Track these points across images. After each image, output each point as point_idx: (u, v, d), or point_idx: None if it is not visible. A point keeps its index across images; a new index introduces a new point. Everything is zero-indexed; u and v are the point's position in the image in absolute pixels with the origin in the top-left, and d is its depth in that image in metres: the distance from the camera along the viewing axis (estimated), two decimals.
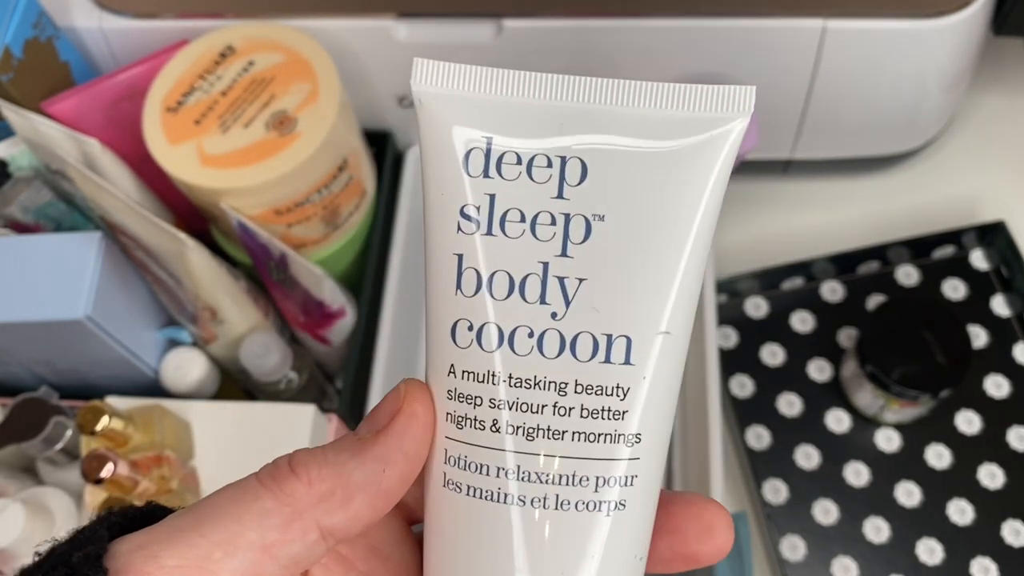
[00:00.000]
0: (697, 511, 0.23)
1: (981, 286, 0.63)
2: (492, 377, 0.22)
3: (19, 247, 0.49)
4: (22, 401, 0.49)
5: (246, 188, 0.48)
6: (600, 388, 0.21)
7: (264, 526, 0.21)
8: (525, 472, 0.21)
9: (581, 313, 0.21)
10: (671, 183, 0.22)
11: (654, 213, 0.22)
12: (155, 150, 0.49)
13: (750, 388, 0.61)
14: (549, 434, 0.21)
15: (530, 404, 0.21)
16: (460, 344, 0.22)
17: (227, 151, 0.49)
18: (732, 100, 0.22)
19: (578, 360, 0.21)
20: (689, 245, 0.22)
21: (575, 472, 0.21)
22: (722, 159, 0.22)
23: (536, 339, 0.21)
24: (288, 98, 0.50)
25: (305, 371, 0.54)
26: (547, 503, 0.21)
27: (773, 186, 0.68)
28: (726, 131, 0.22)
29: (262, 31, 0.52)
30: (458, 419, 0.22)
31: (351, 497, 0.21)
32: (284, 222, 0.51)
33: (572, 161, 0.22)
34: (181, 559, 0.20)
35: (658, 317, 0.22)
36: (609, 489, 0.22)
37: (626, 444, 0.22)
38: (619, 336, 0.21)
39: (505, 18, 0.55)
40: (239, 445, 0.49)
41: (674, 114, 0.22)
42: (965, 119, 0.70)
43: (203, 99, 0.50)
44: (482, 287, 0.22)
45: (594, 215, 0.21)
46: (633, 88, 0.22)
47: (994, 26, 0.58)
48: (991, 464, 0.57)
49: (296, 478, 0.21)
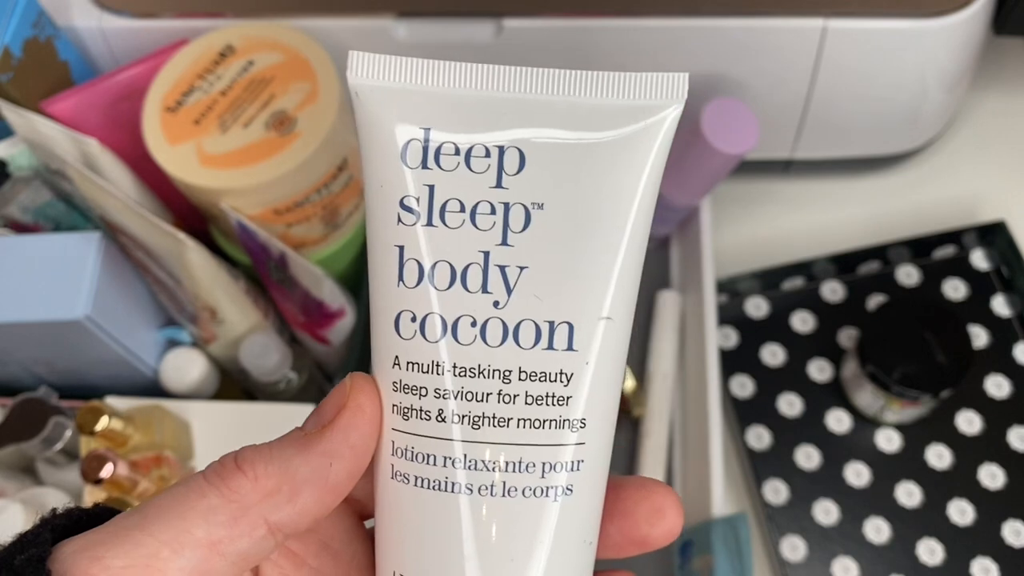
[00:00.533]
0: (646, 494, 0.23)
1: (982, 286, 0.63)
2: (437, 367, 0.22)
3: (19, 247, 0.49)
4: (22, 401, 0.49)
5: (246, 188, 0.48)
6: (544, 375, 0.22)
7: (211, 523, 0.21)
8: (472, 460, 0.22)
9: (523, 301, 0.22)
10: (608, 170, 0.22)
11: (592, 200, 0.22)
12: (154, 150, 0.49)
13: (750, 388, 0.61)
14: (495, 422, 0.22)
15: (475, 393, 0.22)
16: (404, 335, 0.22)
17: (226, 151, 0.49)
18: (666, 87, 0.22)
19: (521, 347, 0.22)
20: (628, 231, 0.22)
21: (521, 459, 0.22)
22: (657, 146, 0.22)
23: (479, 328, 0.22)
24: (288, 98, 0.50)
25: (305, 371, 0.54)
26: (494, 490, 0.22)
27: (773, 186, 0.68)
28: (660, 119, 0.22)
29: (262, 31, 0.52)
30: (404, 410, 0.22)
31: (297, 492, 0.21)
32: (284, 222, 0.51)
33: (510, 151, 0.22)
34: (127, 559, 0.20)
35: (599, 303, 0.22)
36: (556, 475, 0.22)
37: (571, 429, 0.22)
38: (561, 323, 0.22)
39: (505, 18, 0.55)
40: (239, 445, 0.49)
41: (610, 102, 0.22)
42: (966, 119, 0.70)
43: (203, 99, 0.50)
44: (424, 278, 0.22)
45: (533, 203, 0.22)
46: (569, 77, 0.22)
47: (995, 26, 0.58)
48: (992, 464, 0.57)
49: (242, 474, 0.21)
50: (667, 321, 0.60)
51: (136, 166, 0.53)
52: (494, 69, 0.22)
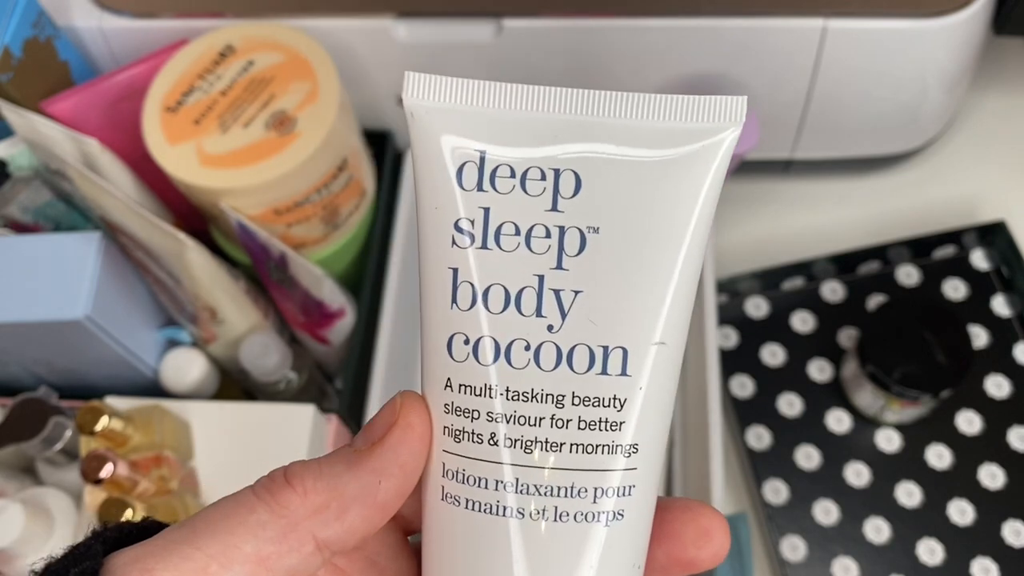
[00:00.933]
0: (693, 516, 0.23)
1: (982, 286, 0.63)
2: (489, 391, 0.22)
3: (19, 247, 0.49)
4: (22, 401, 0.49)
5: (246, 188, 0.48)
6: (597, 400, 0.22)
7: (259, 538, 0.21)
8: (523, 485, 0.21)
9: (577, 325, 0.21)
10: (664, 194, 0.22)
11: (648, 224, 0.22)
12: (154, 150, 0.49)
13: (750, 388, 0.61)
14: (547, 446, 0.21)
15: (527, 417, 0.21)
16: (456, 358, 0.22)
17: (226, 151, 0.49)
18: (724, 110, 0.22)
19: (575, 372, 0.21)
20: (682, 255, 0.22)
21: (573, 484, 0.21)
22: (714, 169, 0.22)
23: (533, 352, 0.21)
24: (288, 98, 0.49)
25: (305, 371, 0.54)
26: (545, 515, 0.21)
27: (773, 186, 0.68)
28: (718, 141, 0.22)
29: (262, 31, 0.52)
30: (455, 432, 0.22)
31: (346, 509, 0.21)
32: (284, 222, 0.51)
33: (566, 173, 0.22)
34: (176, 572, 0.20)
35: (653, 328, 0.22)
36: (607, 499, 0.22)
37: (623, 455, 0.22)
38: (615, 348, 0.22)
39: (505, 18, 0.55)
40: (239, 445, 0.49)
41: (666, 125, 0.22)
42: (966, 119, 0.70)
43: (203, 99, 0.50)
44: (477, 301, 0.22)
45: (588, 227, 0.22)
46: (626, 99, 0.22)
47: (995, 26, 0.58)
48: (992, 464, 0.57)
49: (291, 490, 0.21)
50: None
51: (136, 166, 0.53)
52: (550, 91, 0.22)
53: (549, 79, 0.57)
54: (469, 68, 0.57)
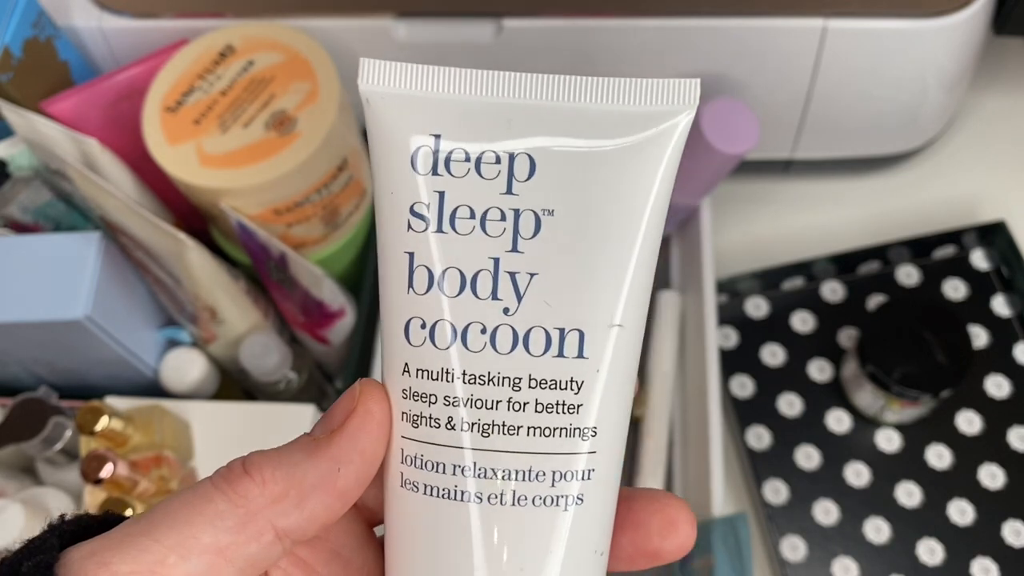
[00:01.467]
0: (660, 507, 0.23)
1: (982, 286, 0.63)
2: (447, 374, 0.22)
3: (19, 247, 0.49)
4: (21, 401, 0.49)
5: (246, 188, 0.48)
6: (554, 382, 0.22)
7: (218, 528, 0.20)
8: (482, 469, 0.21)
9: (533, 308, 0.21)
10: (619, 177, 0.22)
11: (603, 207, 0.22)
12: (154, 150, 0.49)
13: (750, 388, 0.61)
14: (505, 430, 0.21)
15: (485, 400, 0.21)
16: (414, 342, 0.22)
17: (226, 151, 0.49)
18: (678, 93, 0.22)
19: (531, 355, 0.21)
20: (640, 238, 0.22)
21: (531, 467, 0.21)
22: (669, 152, 0.22)
23: (489, 335, 0.21)
24: (288, 98, 0.49)
25: (305, 371, 0.54)
26: (504, 499, 0.21)
27: (773, 186, 0.68)
28: (672, 125, 0.22)
29: (262, 31, 0.52)
30: (413, 418, 0.22)
31: (305, 497, 0.21)
32: (284, 222, 0.51)
33: (520, 157, 0.22)
34: (133, 564, 0.20)
35: (610, 310, 0.22)
36: (567, 484, 0.22)
37: (582, 438, 0.22)
38: (571, 330, 0.22)
39: (505, 18, 0.55)
40: (239, 445, 0.49)
41: (621, 108, 0.22)
42: (966, 119, 0.70)
43: (202, 99, 0.50)
44: (434, 284, 0.22)
45: (543, 210, 0.22)
46: (579, 83, 0.22)
47: (995, 26, 0.58)
48: (992, 464, 0.57)
49: (250, 479, 0.21)
50: (667, 321, 0.60)
51: (136, 166, 0.53)
52: (505, 76, 0.22)
53: None
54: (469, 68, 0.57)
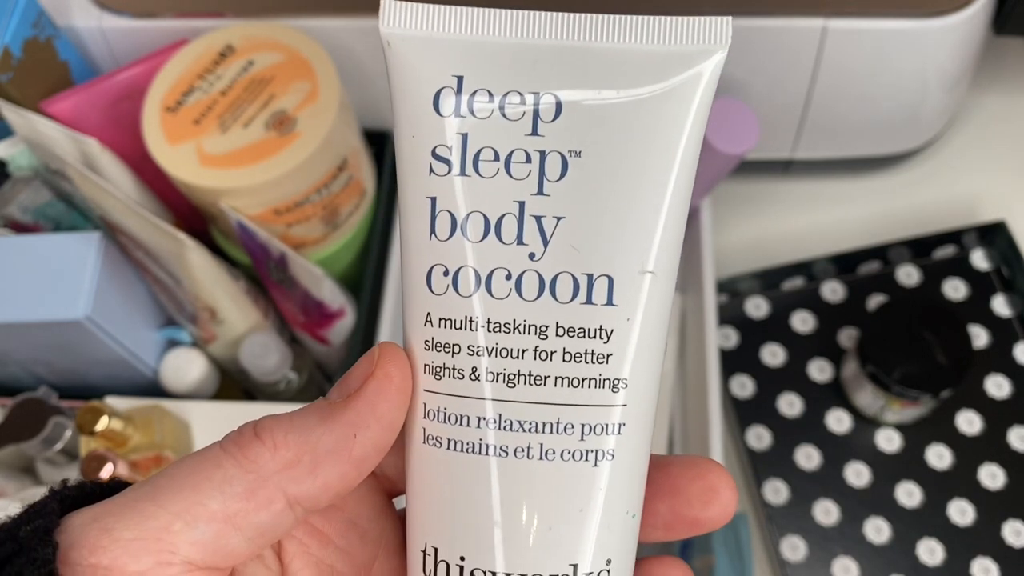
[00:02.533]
0: (699, 472, 0.22)
1: (982, 286, 0.63)
2: (470, 323, 0.21)
3: (18, 247, 0.49)
4: (21, 401, 0.49)
5: (246, 188, 0.48)
6: (582, 330, 0.21)
7: (226, 494, 0.20)
8: (507, 421, 0.21)
9: (560, 253, 0.21)
10: (650, 119, 0.21)
11: (633, 149, 0.21)
12: (154, 150, 0.49)
13: (751, 388, 0.61)
14: (531, 380, 0.21)
15: (510, 349, 0.21)
16: (436, 291, 0.21)
17: (226, 151, 0.49)
18: (709, 32, 0.21)
19: (558, 302, 0.21)
20: (672, 181, 0.21)
21: (559, 419, 0.21)
22: (700, 92, 0.21)
23: (514, 281, 0.21)
24: (287, 98, 0.49)
25: (305, 371, 0.54)
26: (531, 453, 0.21)
27: (774, 186, 0.68)
28: (704, 65, 0.21)
29: (262, 31, 0.52)
30: (436, 370, 0.21)
31: (319, 464, 0.20)
32: (284, 222, 0.51)
33: (546, 97, 0.21)
34: (137, 530, 0.19)
35: (641, 256, 0.21)
36: (596, 437, 0.21)
37: (613, 389, 0.21)
38: (600, 276, 0.21)
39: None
40: None
41: (651, 48, 0.21)
42: (966, 119, 0.70)
43: (202, 99, 0.50)
44: (457, 229, 0.21)
45: (571, 151, 0.21)
46: (608, 22, 0.21)
47: (995, 26, 0.58)
48: (992, 464, 0.57)
49: (260, 443, 0.20)
50: None
51: (136, 166, 0.53)
52: (529, 15, 0.21)
53: None
54: None
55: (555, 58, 0.21)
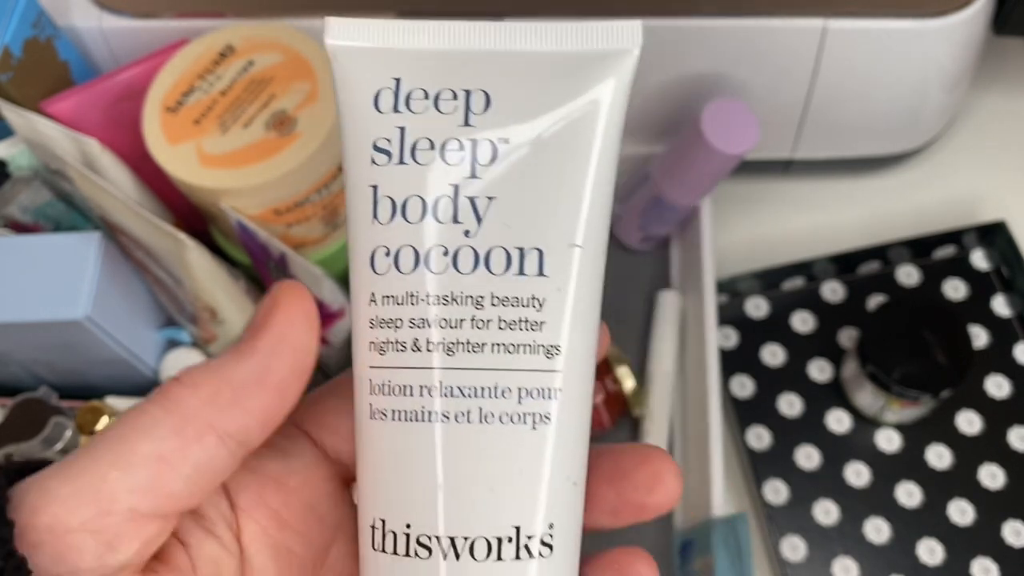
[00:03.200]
0: (645, 459, 0.23)
1: (982, 286, 0.63)
2: (411, 297, 0.22)
3: (18, 247, 0.49)
4: (21, 401, 0.49)
5: (246, 188, 0.48)
6: (516, 300, 0.22)
7: (154, 437, 0.20)
8: (448, 387, 0.22)
9: (493, 229, 0.22)
10: (570, 103, 0.23)
11: (557, 133, 0.23)
12: (154, 150, 0.49)
13: (750, 388, 0.61)
14: (469, 347, 0.22)
15: (449, 320, 0.22)
16: (379, 271, 0.22)
17: (227, 151, 0.49)
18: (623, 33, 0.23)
19: (492, 274, 0.22)
20: (593, 160, 0.23)
21: (496, 384, 0.22)
22: (616, 79, 0.23)
23: (451, 257, 0.22)
24: (288, 98, 0.50)
25: None
26: (471, 417, 0.22)
27: (773, 186, 0.68)
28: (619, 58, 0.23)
29: (262, 31, 0.52)
30: (380, 345, 0.22)
31: (239, 395, 0.21)
32: (284, 222, 0.51)
33: (476, 93, 0.23)
34: (74, 485, 0.19)
35: (569, 231, 0.22)
36: (532, 401, 0.22)
37: (547, 355, 0.22)
38: (531, 249, 0.22)
39: (506, 18, 0.55)
40: None
41: (570, 49, 0.23)
42: (966, 119, 0.70)
43: (202, 99, 0.50)
44: (397, 213, 0.22)
45: (500, 139, 0.22)
46: (529, 28, 0.23)
47: (995, 26, 0.58)
48: (992, 464, 0.57)
49: (180, 384, 0.21)
50: (667, 321, 0.60)
51: (136, 166, 0.53)
52: (459, 25, 0.23)
53: None
54: None
55: (484, 59, 0.23)
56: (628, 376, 0.55)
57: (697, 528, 0.52)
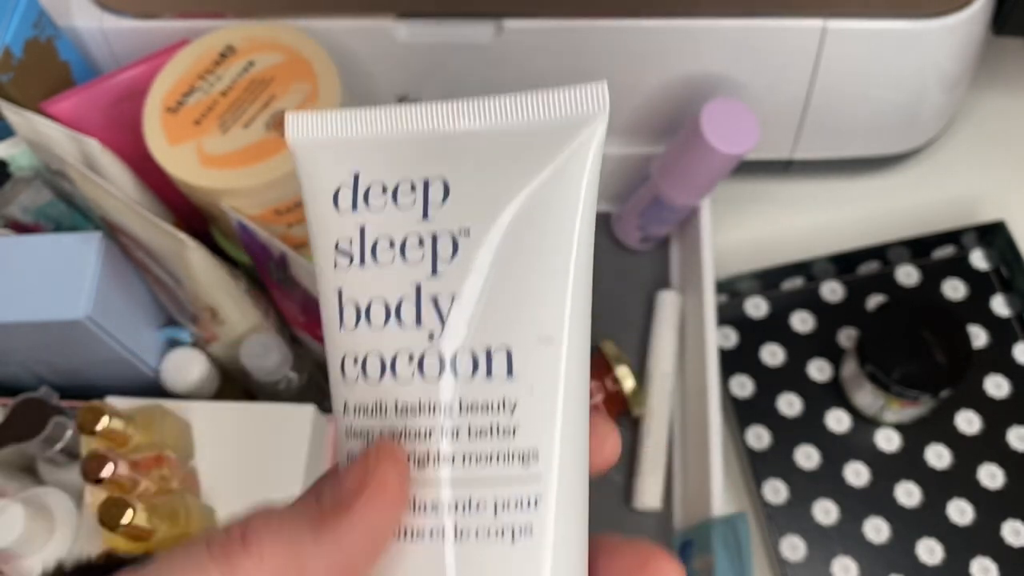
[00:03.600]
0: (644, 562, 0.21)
1: (981, 286, 0.63)
2: (380, 408, 0.21)
3: (19, 247, 0.49)
4: (22, 401, 0.49)
5: (247, 188, 0.48)
6: (486, 405, 0.21)
7: None
8: (421, 503, 0.20)
9: (457, 330, 0.21)
10: (535, 182, 0.21)
11: (522, 216, 0.21)
12: (155, 150, 0.49)
13: (750, 388, 0.61)
14: (439, 459, 0.20)
15: (418, 431, 0.21)
16: (348, 379, 0.22)
17: (227, 151, 0.49)
18: (588, 98, 0.22)
19: (460, 378, 0.21)
20: (563, 243, 0.21)
21: (471, 497, 0.20)
22: (589, 163, 0.21)
23: (416, 363, 0.21)
24: (288, 98, 0.50)
25: (305, 371, 0.54)
26: (446, 534, 0.20)
27: (773, 186, 0.68)
28: (586, 120, 0.22)
29: (262, 31, 0.52)
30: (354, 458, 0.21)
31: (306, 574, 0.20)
32: (284, 222, 0.51)
33: (435, 183, 0.22)
34: None
35: (536, 323, 0.21)
36: (510, 513, 0.20)
37: (522, 462, 0.20)
38: (498, 348, 0.21)
39: (505, 18, 0.55)
40: (239, 445, 0.49)
41: (532, 123, 0.22)
42: (965, 119, 0.70)
43: (203, 99, 0.50)
44: (361, 318, 0.22)
45: (460, 230, 0.21)
46: (488, 105, 0.22)
47: (994, 26, 0.58)
48: (991, 464, 0.58)
49: (247, 553, 0.19)
50: (667, 321, 0.60)
51: (137, 166, 0.53)
52: (416, 108, 0.22)
53: (549, 79, 0.57)
54: (469, 68, 0.57)
55: (442, 145, 0.22)
56: (628, 376, 0.55)
57: (697, 527, 0.52)
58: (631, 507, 0.56)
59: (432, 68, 0.57)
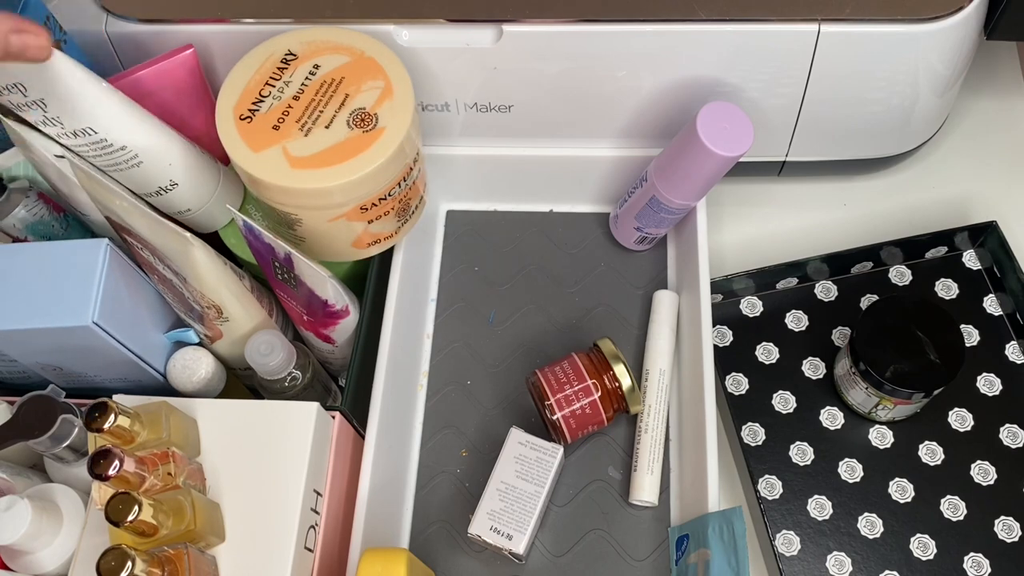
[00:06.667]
0: None
1: (973, 286, 0.64)
2: None
3: (27, 254, 0.49)
4: (30, 399, 0.49)
5: (340, 186, 0.49)
6: None
7: None
8: None
9: None
10: None
11: None
12: (240, 160, 0.49)
13: (745, 386, 0.62)
14: None
15: None
16: None
17: (314, 152, 0.49)
18: None
19: None
20: None
21: None
22: None
23: None
24: (363, 96, 0.50)
25: (309, 369, 0.55)
26: None
27: (768, 187, 0.69)
28: None
29: (316, 35, 0.53)
30: None
31: None
32: (366, 219, 0.51)
33: None
34: None
35: None
36: None
37: None
38: None
39: (505, 23, 0.56)
40: (244, 442, 0.49)
41: None
42: (958, 121, 0.70)
43: (276, 105, 0.50)
44: None
45: None
46: None
47: (986, 30, 0.59)
48: (983, 461, 0.58)
49: None
50: (664, 320, 0.61)
51: None
52: None
53: (548, 82, 0.58)
54: (470, 72, 0.58)
55: None
56: (625, 374, 0.55)
57: (693, 522, 0.53)
58: (629, 502, 0.57)
59: (434, 72, 0.58)
